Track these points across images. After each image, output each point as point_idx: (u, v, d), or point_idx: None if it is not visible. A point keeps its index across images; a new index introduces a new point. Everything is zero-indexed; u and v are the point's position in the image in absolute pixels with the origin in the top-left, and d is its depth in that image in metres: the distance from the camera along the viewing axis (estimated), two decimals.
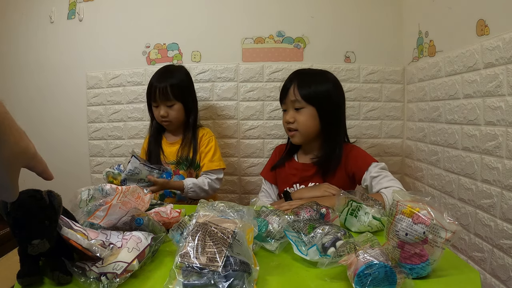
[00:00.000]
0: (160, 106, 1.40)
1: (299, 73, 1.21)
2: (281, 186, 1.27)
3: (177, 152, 1.44)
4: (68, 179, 1.84)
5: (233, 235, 0.57)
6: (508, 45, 0.98)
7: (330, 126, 1.17)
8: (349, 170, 1.17)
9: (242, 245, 0.58)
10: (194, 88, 1.52)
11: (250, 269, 0.55)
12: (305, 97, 1.13)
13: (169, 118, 1.41)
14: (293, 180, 1.23)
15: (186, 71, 1.49)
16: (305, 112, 1.14)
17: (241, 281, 0.53)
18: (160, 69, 1.46)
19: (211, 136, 1.48)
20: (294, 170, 1.24)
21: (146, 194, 0.86)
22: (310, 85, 1.14)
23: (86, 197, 0.82)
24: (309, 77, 1.18)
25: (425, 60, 1.48)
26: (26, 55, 1.85)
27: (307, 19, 1.70)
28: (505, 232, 1.00)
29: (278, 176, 1.30)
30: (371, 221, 0.83)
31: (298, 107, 1.15)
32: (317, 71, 1.24)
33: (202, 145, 1.45)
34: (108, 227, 0.72)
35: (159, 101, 1.39)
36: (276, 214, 0.80)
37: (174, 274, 0.54)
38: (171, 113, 1.40)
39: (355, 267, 0.56)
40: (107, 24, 1.78)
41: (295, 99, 1.14)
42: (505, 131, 1.00)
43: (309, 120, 1.15)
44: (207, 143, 1.45)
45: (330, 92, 1.16)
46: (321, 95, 1.14)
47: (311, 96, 1.13)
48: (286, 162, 1.28)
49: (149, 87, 1.42)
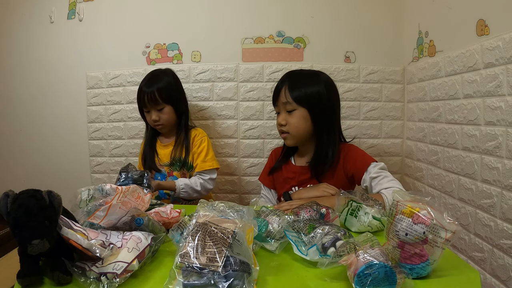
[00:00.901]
0: (151, 111, 1.42)
1: (291, 74, 1.21)
2: (279, 190, 1.27)
3: (171, 154, 1.45)
4: (68, 179, 1.85)
5: (233, 235, 0.57)
6: (508, 45, 0.98)
7: (322, 127, 1.15)
8: (348, 171, 1.16)
9: (242, 245, 0.58)
10: (183, 89, 1.54)
11: (250, 269, 0.55)
12: (296, 99, 1.12)
13: (161, 122, 1.42)
14: (291, 183, 1.22)
15: (173, 73, 1.51)
16: (296, 114, 1.14)
17: (241, 281, 0.53)
18: (147, 75, 1.48)
19: (203, 136, 1.48)
20: (292, 173, 1.24)
21: (146, 194, 0.86)
22: (301, 86, 1.13)
23: (86, 197, 0.82)
24: (300, 78, 1.17)
25: (425, 60, 1.48)
26: (26, 55, 1.85)
27: (307, 19, 1.70)
28: (505, 232, 1.00)
29: (276, 180, 1.29)
30: (371, 221, 0.83)
31: (290, 109, 1.14)
32: (309, 72, 1.23)
33: (194, 146, 1.46)
34: (108, 227, 0.72)
35: (149, 106, 1.40)
36: (276, 214, 0.80)
37: (174, 274, 0.54)
38: (162, 117, 1.42)
39: (355, 267, 0.56)
40: (107, 24, 1.78)
41: (286, 101, 1.14)
42: (505, 131, 1.00)
43: (301, 122, 1.14)
44: (199, 144, 1.46)
45: (322, 93, 1.14)
46: (313, 96, 1.13)
47: (302, 98, 1.12)
48: (283, 166, 1.27)
49: (138, 93, 1.44)
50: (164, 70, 1.52)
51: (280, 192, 1.26)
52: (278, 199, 1.30)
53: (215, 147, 1.77)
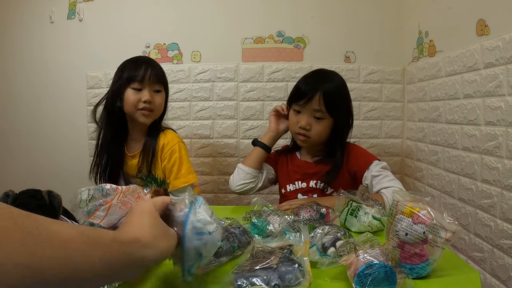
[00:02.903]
0: (144, 90, 1.15)
1: (323, 79, 1.15)
2: (283, 183, 1.26)
3: (137, 165, 1.20)
4: (68, 179, 1.85)
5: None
6: (508, 45, 0.98)
7: (341, 136, 1.18)
8: (351, 168, 1.17)
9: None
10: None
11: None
12: (330, 110, 1.11)
13: (152, 106, 1.17)
14: (295, 177, 1.23)
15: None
16: (324, 123, 1.13)
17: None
18: (142, 56, 1.31)
19: (173, 145, 1.21)
20: (296, 167, 1.24)
21: (146, 194, 0.86)
22: (334, 97, 1.13)
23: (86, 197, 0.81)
24: (333, 86, 1.14)
25: (425, 60, 1.48)
26: (26, 55, 1.85)
27: (307, 19, 1.70)
28: (505, 232, 1.00)
29: (279, 171, 1.28)
30: (371, 221, 0.83)
31: (319, 117, 1.12)
32: (337, 81, 1.18)
33: (164, 159, 1.21)
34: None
35: (146, 82, 1.14)
36: (277, 214, 0.80)
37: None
38: (156, 99, 1.18)
39: (355, 267, 0.56)
40: (107, 24, 1.78)
41: (319, 109, 1.11)
42: (505, 131, 1.00)
43: (325, 130, 1.14)
44: (169, 156, 1.20)
45: (348, 104, 1.18)
46: (342, 109, 1.15)
47: (334, 109, 1.12)
48: (289, 156, 1.28)
49: (129, 66, 1.17)
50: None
51: (283, 185, 1.26)
52: (279, 194, 1.30)
53: (215, 147, 1.77)
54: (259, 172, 1.23)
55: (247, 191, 1.22)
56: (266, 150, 1.23)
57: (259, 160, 1.23)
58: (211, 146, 1.77)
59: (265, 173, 1.25)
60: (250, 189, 1.22)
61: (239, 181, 1.21)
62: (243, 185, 1.20)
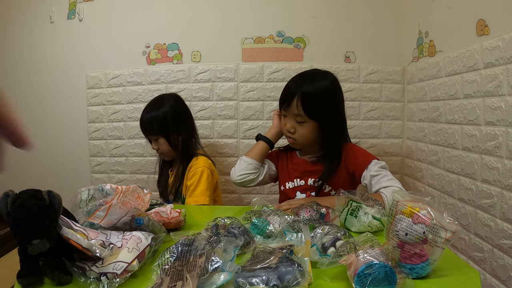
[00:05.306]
0: (151, 140, 1.41)
1: (302, 81, 1.14)
2: (282, 180, 1.26)
3: (172, 184, 1.42)
4: (68, 179, 1.85)
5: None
6: (508, 45, 0.98)
7: (331, 135, 1.16)
8: (349, 168, 1.17)
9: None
10: (185, 117, 1.44)
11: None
12: (309, 113, 1.10)
13: (161, 151, 1.40)
14: (294, 175, 1.23)
15: (175, 101, 1.43)
16: (306, 126, 1.13)
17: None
18: (151, 100, 1.44)
19: (198, 167, 1.35)
20: (296, 165, 1.24)
21: (146, 194, 0.86)
22: (314, 99, 1.10)
23: (86, 197, 0.82)
24: (313, 89, 1.11)
25: (425, 60, 1.48)
26: (26, 55, 1.85)
27: (307, 19, 1.70)
28: (505, 232, 1.00)
29: (280, 168, 1.28)
30: (371, 221, 0.83)
31: (300, 121, 1.12)
32: (320, 83, 1.14)
33: (188, 179, 1.37)
34: (108, 227, 0.72)
35: (145, 134, 1.41)
36: (277, 214, 0.80)
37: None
38: (160, 146, 1.38)
39: (355, 267, 0.56)
40: (107, 24, 1.78)
41: (298, 113, 1.11)
42: (505, 131, 1.00)
43: (310, 133, 1.14)
44: (191, 176, 1.35)
45: (333, 105, 1.14)
46: (324, 111, 1.12)
47: (314, 113, 1.10)
48: (288, 153, 1.28)
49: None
50: (168, 96, 1.45)
51: (283, 182, 1.26)
52: (279, 192, 1.30)
53: (215, 147, 1.77)
54: (261, 165, 1.24)
55: (247, 182, 1.21)
56: (269, 145, 1.24)
57: (262, 154, 1.23)
58: (211, 146, 1.77)
59: (266, 168, 1.25)
60: (251, 181, 1.21)
61: (240, 171, 1.21)
62: (245, 175, 1.20)
